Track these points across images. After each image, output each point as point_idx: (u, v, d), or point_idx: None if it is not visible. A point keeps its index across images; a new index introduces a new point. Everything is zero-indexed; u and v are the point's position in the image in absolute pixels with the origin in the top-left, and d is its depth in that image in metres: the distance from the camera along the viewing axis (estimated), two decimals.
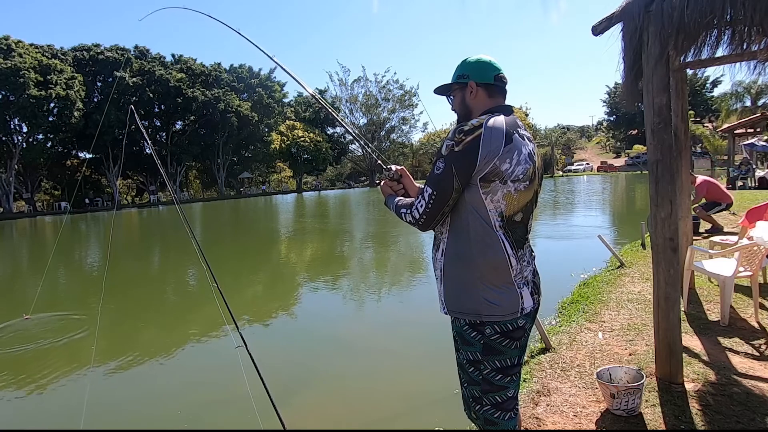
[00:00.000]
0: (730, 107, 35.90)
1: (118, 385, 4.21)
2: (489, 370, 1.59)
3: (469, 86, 1.67)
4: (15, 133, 40.54)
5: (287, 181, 68.84)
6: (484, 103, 1.66)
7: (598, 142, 77.29)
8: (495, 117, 1.55)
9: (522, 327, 1.60)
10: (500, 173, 1.50)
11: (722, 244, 5.08)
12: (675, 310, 2.78)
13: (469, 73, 1.68)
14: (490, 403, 1.61)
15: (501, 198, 1.52)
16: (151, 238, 19.65)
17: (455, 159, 1.50)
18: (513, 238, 1.57)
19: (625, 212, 16.55)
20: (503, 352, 1.58)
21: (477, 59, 1.69)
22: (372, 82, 68.33)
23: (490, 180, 1.50)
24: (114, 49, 47.56)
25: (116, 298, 7.54)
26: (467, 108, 1.69)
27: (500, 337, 1.56)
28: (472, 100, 1.67)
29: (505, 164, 1.50)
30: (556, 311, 4.76)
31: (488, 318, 1.55)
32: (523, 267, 1.60)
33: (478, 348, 1.58)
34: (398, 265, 9.24)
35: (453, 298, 1.61)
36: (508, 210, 1.54)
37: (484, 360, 1.58)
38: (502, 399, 1.61)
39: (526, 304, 1.58)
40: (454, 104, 1.75)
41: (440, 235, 1.65)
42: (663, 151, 2.72)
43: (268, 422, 2.50)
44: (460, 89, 1.71)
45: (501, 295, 1.54)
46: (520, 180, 1.54)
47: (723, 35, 2.78)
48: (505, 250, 1.54)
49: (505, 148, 1.50)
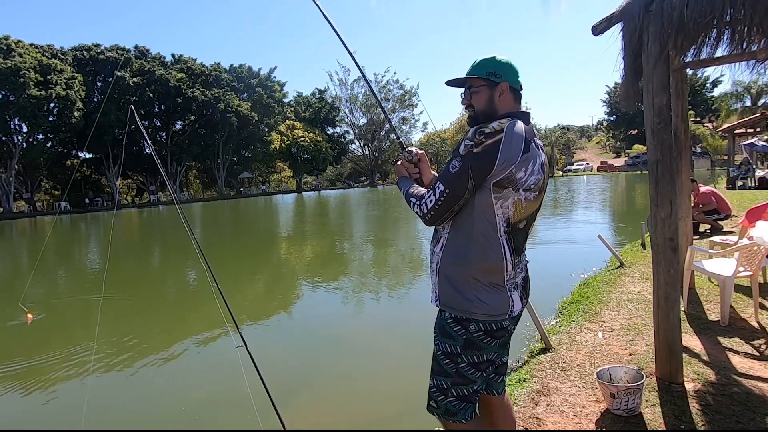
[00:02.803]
0: (730, 107, 35.88)
1: (118, 385, 4.21)
2: (465, 365, 1.61)
3: (501, 87, 1.61)
4: (15, 133, 40.52)
5: (287, 181, 68.83)
6: (508, 107, 1.62)
7: (598, 142, 77.32)
8: (517, 123, 1.52)
9: (506, 328, 1.62)
10: (514, 181, 1.49)
11: (722, 244, 5.08)
12: (675, 310, 2.78)
13: (503, 73, 1.61)
14: (456, 395, 1.64)
15: (510, 205, 1.52)
16: (151, 238, 19.65)
17: (472, 160, 1.48)
18: (514, 244, 1.57)
19: (625, 212, 16.55)
20: (483, 348, 1.60)
21: (508, 60, 1.63)
22: (372, 81, 68.37)
23: (504, 186, 1.49)
24: (114, 49, 47.54)
25: (116, 297, 7.54)
26: (493, 108, 1.62)
27: (483, 334, 1.58)
28: (500, 102, 1.62)
29: (521, 172, 1.49)
30: (556, 311, 4.75)
31: (477, 316, 1.56)
32: (516, 273, 1.62)
33: (459, 342, 1.60)
34: (398, 265, 9.24)
35: (446, 293, 1.61)
36: (514, 217, 1.55)
37: (462, 353, 1.60)
38: (468, 392, 1.64)
39: (515, 307, 1.60)
40: (477, 101, 1.65)
41: (442, 230, 1.64)
42: (663, 151, 2.72)
43: (268, 422, 2.50)
44: (488, 87, 1.62)
45: (492, 295, 1.55)
46: (531, 190, 1.54)
47: (723, 35, 2.78)
48: (504, 256, 1.55)
49: (522, 156, 1.48)
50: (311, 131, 61.41)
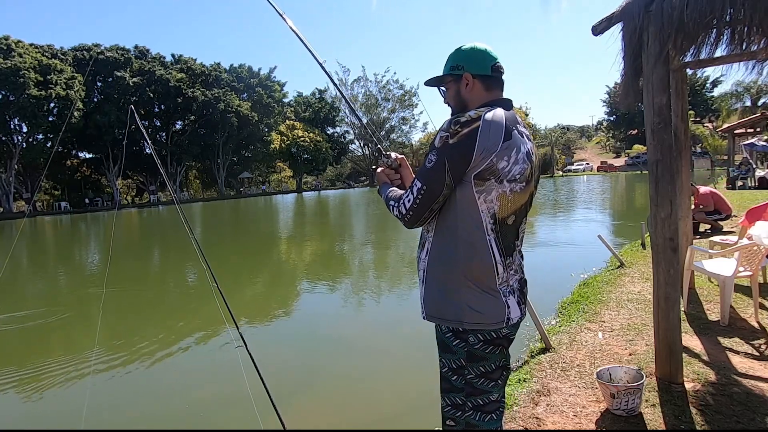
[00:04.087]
0: (730, 107, 35.94)
1: (118, 385, 4.21)
2: (473, 376, 1.52)
3: (465, 78, 1.54)
4: (15, 133, 40.53)
5: (287, 181, 68.82)
6: (481, 97, 1.54)
7: (598, 142, 77.27)
8: (494, 110, 1.44)
9: (506, 336, 1.53)
10: (496, 171, 1.40)
11: (722, 244, 5.08)
12: (675, 310, 2.78)
13: (464, 64, 1.55)
14: (472, 407, 1.54)
15: (495, 198, 1.43)
16: (151, 238, 19.64)
17: (449, 152, 1.39)
18: (503, 244, 1.48)
19: (625, 212, 16.55)
20: (487, 358, 1.51)
21: (471, 47, 1.56)
22: (372, 82, 68.38)
23: (485, 178, 1.40)
24: (114, 49, 47.50)
25: (116, 297, 7.54)
26: (463, 101, 1.56)
27: (484, 344, 1.49)
28: (468, 93, 1.55)
29: (503, 162, 1.40)
30: (556, 311, 4.76)
31: (470, 326, 1.46)
32: (509, 275, 1.51)
33: (462, 355, 1.51)
34: (398, 265, 9.24)
35: (433, 303, 1.52)
36: (501, 212, 1.45)
37: (468, 366, 1.51)
38: (484, 402, 1.53)
39: (512, 314, 1.49)
40: (448, 97, 1.62)
41: (426, 234, 1.56)
42: (663, 151, 2.72)
43: (268, 422, 2.50)
44: (454, 81, 1.58)
45: (484, 301, 1.45)
46: (516, 180, 1.45)
47: (722, 35, 2.79)
48: (492, 256, 1.45)
49: (503, 144, 1.40)
50: (311, 131, 61.41)
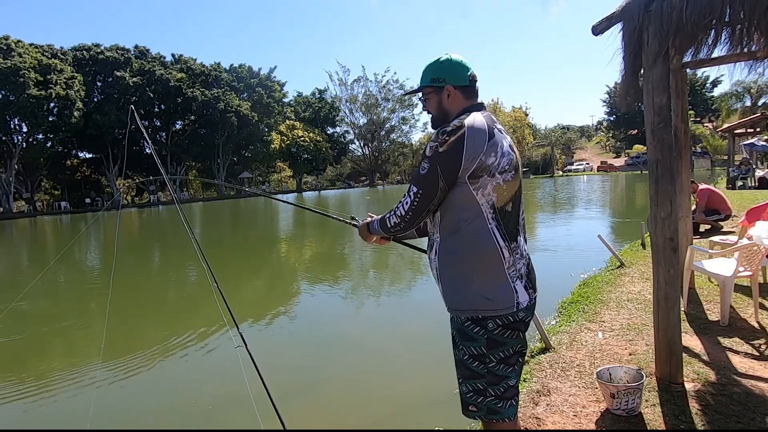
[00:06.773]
0: (730, 107, 35.90)
1: (118, 385, 4.21)
2: (494, 363, 1.60)
3: (446, 90, 1.67)
4: (15, 133, 40.51)
5: (287, 181, 68.82)
6: (460, 105, 1.67)
7: (598, 142, 77.21)
8: (474, 116, 1.57)
9: (522, 319, 1.62)
10: (487, 167, 1.53)
11: (722, 244, 5.08)
12: (675, 310, 2.78)
13: (445, 77, 1.67)
14: (494, 394, 1.63)
15: (491, 190, 1.55)
16: (152, 238, 19.64)
17: (440, 159, 1.53)
18: (506, 230, 1.59)
19: (625, 212, 16.55)
20: (506, 343, 1.60)
21: (448, 59, 1.68)
22: (372, 81, 68.44)
23: (479, 175, 1.53)
24: (114, 49, 47.49)
25: (116, 298, 7.54)
26: (445, 111, 1.69)
27: (502, 329, 1.59)
28: (450, 103, 1.68)
29: (491, 158, 1.53)
30: (556, 311, 4.76)
31: (486, 313, 1.57)
32: (516, 260, 1.61)
33: (482, 342, 1.60)
34: (398, 265, 9.24)
35: (451, 297, 1.64)
36: (499, 201, 1.57)
37: (489, 353, 1.60)
38: (504, 388, 1.63)
39: (521, 299, 1.60)
40: (429, 106, 1.74)
41: (433, 236, 1.70)
42: (663, 151, 2.72)
43: (268, 422, 2.50)
44: (435, 92, 1.70)
45: (495, 289, 1.57)
46: (506, 171, 1.57)
47: (722, 35, 2.78)
48: (496, 242, 1.56)
49: (489, 143, 1.53)
50: (311, 131, 61.41)
